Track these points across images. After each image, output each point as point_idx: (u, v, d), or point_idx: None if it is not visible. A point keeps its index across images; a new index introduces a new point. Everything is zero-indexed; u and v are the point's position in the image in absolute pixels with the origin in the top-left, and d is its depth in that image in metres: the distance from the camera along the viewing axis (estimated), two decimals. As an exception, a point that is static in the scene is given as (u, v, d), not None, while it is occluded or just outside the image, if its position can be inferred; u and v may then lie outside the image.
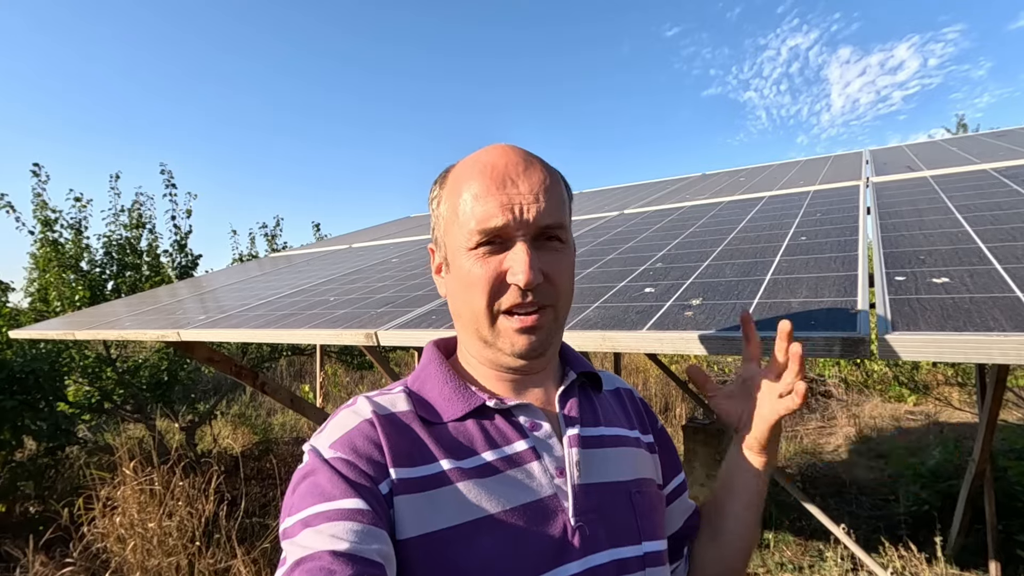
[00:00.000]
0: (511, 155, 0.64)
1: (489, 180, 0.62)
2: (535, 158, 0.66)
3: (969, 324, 0.82)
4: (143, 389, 5.01)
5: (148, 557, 2.88)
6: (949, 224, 1.42)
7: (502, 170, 0.62)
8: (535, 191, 0.62)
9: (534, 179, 0.63)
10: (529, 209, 0.61)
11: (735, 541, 0.78)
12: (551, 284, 0.63)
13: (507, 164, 0.63)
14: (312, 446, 0.61)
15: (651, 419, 0.82)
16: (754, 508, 0.77)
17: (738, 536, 0.77)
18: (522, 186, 0.62)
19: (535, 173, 0.63)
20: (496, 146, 0.66)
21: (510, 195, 0.61)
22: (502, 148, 0.65)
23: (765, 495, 0.78)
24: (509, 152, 0.65)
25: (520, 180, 0.62)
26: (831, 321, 0.94)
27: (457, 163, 0.69)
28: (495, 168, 0.63)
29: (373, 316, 1.67)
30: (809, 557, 3.24)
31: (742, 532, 0.77)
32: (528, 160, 0.64)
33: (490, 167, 0.63)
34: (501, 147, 0.66)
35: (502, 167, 0.63)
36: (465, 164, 0.66)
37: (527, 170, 0.63)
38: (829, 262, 1.29)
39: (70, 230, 5.43)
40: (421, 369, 0.72)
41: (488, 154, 0.65)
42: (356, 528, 0.51)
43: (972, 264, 1.09)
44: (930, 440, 4.74)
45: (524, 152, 0.66)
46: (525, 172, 0.63)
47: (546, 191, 0.63)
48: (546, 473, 0.63)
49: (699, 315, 1.11)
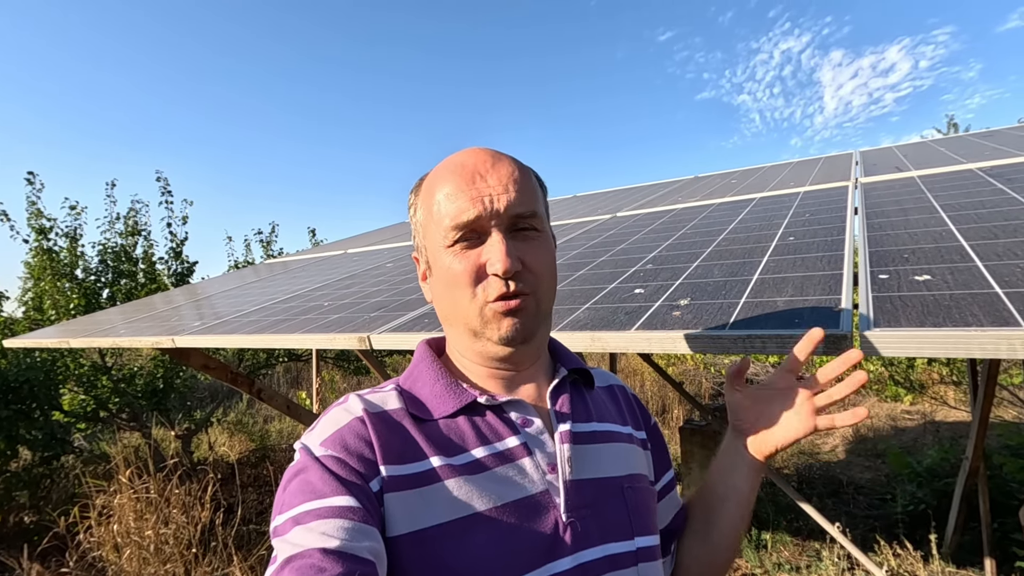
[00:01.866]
0: (480, 154, 0.66)
1: (459, 178, 0.64)
2: (504, 155, 0.68)
3: (948, 320, 0.83)
4: (139, 397, 5.00)
5: (144, 566, 2.87)
6: (934, 223, 1.44)
7: (471, 167, 0.64)
8: (504, 183, 0.64)
9: (503, 172, 0.64)
10: (499, 199, 0.63)
11: (726, 539, 0.78)
12: (530, 271, 0.64)
13: (476, 162, 0.65)
14: (303, 444, 0.61)
15: (644, 415, 0.83)
16: (747, 506, 0.77)
17: (729, 534, 0.78)
18: (491, 179, 0.64)
19: (503, 167, 0.65)
20: (466, 149, 0.68)
21: (479, 188, 0.63)
22: (471, 150, 0.67)
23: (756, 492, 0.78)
24: (478, 152, 0.67)
25: (489, 174, 0.64)
26: (815, 319, 0.96)
27: (430, 171, 0.71)
28: (464, 166, 0.65)
29: (366, 320, 1.68)
30: (806, 557, 3.25)
31: (733, 530, 0.78)
32: (496, 156, 0.66)
33: (459, 166, 0.65)
34: (471, 149, 0.68)
35: (471, 165, 0.65)
36: (437, 169, 0.68)
37: (495, 165, 0.65)
38: (816, 261, 1.30)
39: (65, 238, 5.42)
40: (413, 367, 0.72)
41: (458, 156, 0.67)
42: (347, 526, 0.52)
43: (953, 262, 1.10)
44: (927, 439, 4.76)
45: (493, 150, 0.68)
46: (494, 167, 0.65)
47: (515, 182, 0.65)
48: (538, 469, 0.63)
49: (687, 315, 1.12)
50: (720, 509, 0.78)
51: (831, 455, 4.94)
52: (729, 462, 0.78)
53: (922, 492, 3.58)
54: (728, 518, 0.77)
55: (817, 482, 4.32)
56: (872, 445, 5.02)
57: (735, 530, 0.78)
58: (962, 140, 3.31)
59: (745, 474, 0.76)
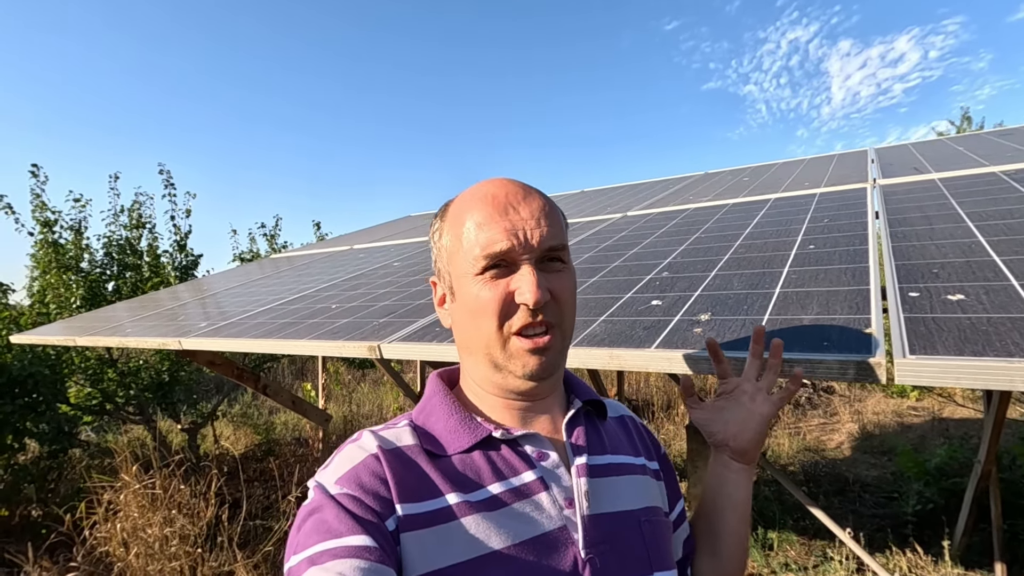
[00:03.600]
0: (510, 185, 0.67)
1: (491, 208, 0.64)
2: (532, 187, 0.70)
3: (989, 348, 0.80)
4: (144, 391, 5.00)
5: (150, 562, 2.88)
6: (961, 233, 1.40)
7: (503, 199, 0.65)
8: (536, 216, 0.65)
9: (534, 205, 0.66)
10: (532, 233, 0.63)
11: (731, 548, 0.80)
12: (556, 302, 0.65)
13: (507, 193, 0.66)
14: (318, 482, 0.60)
15: (655, 445, 0.83)
16: (745, 512, 0.80)
17: (734, 543, 0.80)
18: (523, 212, 0.64)
19: (534, 200, 0.66)
20: (494, 179, 0.69)
21: (513, 221, 0.64)
22: (501, 180, 0.69)
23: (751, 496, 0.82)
24: (508, 183, 0.68)
25: (521, 207, 0.65)
26: (844, 342, 0.92)
27: (456, 197, 0.72)
28: (496, 197, 0.65)
29: (376, 327, 1.65)
30: (814, 557, 3.23)
31: (738, 538, 0.80)
32: (526, 189, 0.68)
33: (491, 196, 0.66)
34: (499, 179, 0.69)
35: (503, 196, 0.65)
36: (465, 196, 0.69)
37: (527, 198, 0.66)
38: (840, 274, 1.27)
39: (70, 231, 5.41)
40: (425, 401, 0.72)
41: (487, 185, 0.68)
42: (363, 566, 0.51)
43: (987, 280, 1.06)
44: (934, 437, 4.73)
45: (521, 183, 0.69)
46: (525, 199, 0.66)
47: (546, 216, 0.66)
48: (555, 504, 0.62)
49: (708, 332, 1.09)
50: (720, 522, 0.80)
51: (836, 452, 4.92)
52: (718, 475, 0.81)
53: (930, 491, 3.55)
54: (729, 528, 0.79)
55: (823, 480, 4.30)
56: (878, 442, 5.00)
57: (739, 538, 0.80)
58: (980, 139, 3.25)
59: (735, 481, 0.79)
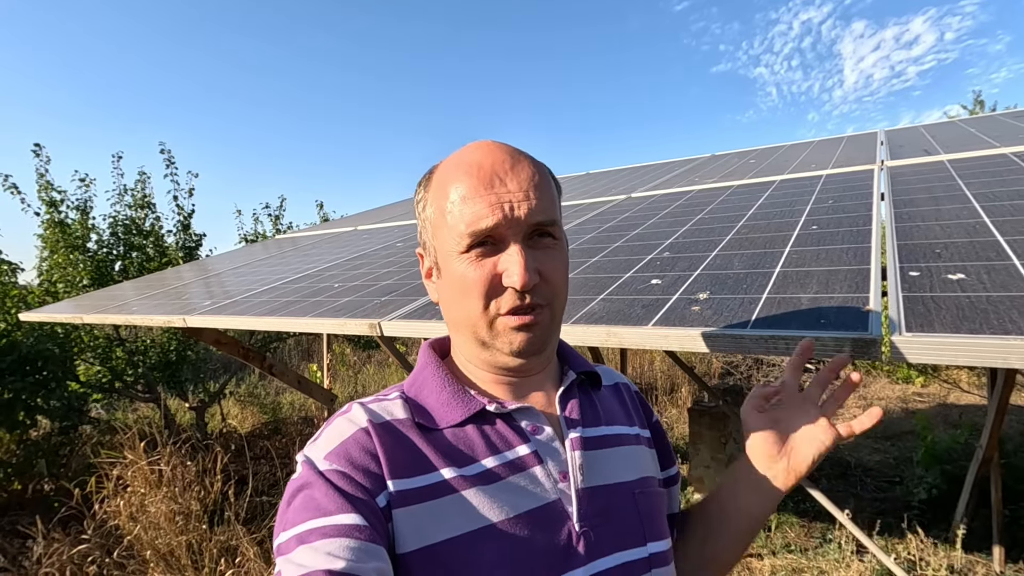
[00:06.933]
0: (497, 153, 0.62)
1: (476, 180, 0.60)
2: (522, 154, 0.63)
3: (986, 326, 0.79)
4: (152, 369, 5.06)
5: (159, 535, 2.94)
6: (967, 214, 1.38)
7: (489, 169, 0.60)
8: (524, 188, 0.60)
9: (523, 176, 0.60)
10: (520, 207, 0.59)
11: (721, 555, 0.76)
12: (546, 283, 0.62)
13: (494, 162, 0.60)
14: (306, 456, 0.59)
15: (647, 412, 0.81)
16: (752, 533, 0.75)
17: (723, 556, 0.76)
18: (511, 184, 0.60)
19: (523, 170, 0.61)
20: (481, 143, 0.64)
21: (499, 194, 0.59)
22: (487, 145, 0.63)
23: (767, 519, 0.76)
24: (495, 149, 0.62)
25: (508, 178, 0.60)
26: (841, 320, 0.92)
27: (440, 163, 0.66)
28: (481, 167, 0.60)
29: (377, 305, 1.66)
30: (813, 539, 3.26)
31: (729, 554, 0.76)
32: (515, 157, 0.62)
33: (476, 166, 0.60)
34: (486, 144, 0.63)
35: (489, 165, 0.60)
36: (449, 164, 0.64)
37: (515, 167, 0.61)
38: (841, 254, 1.25)
39: (76, 211, 5.44)
40: (417, 373, 0.70)
41: (473, 152, 0.62)
42: (353, 545, 0.50)
43: (990, 259, 1.05)
44: (939, 423, 4.72)
45: (510, 148, 0.63)
46: (513, 169, 0.60)
47: (536, 187, 0.61)
48: (550, 477, 0.62)
49: (706, 310, 1.08)
50: (720, 530, 0.75)
51: (839, 437, 4.93)
52: (747, 487, 0.73)
53: (931, 476, 3.56)
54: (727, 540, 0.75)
55: (825, 463, 4.31)
56: (882, 428, 5.00)
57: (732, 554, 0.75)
58: (994, 120, 3.19)
59: (760, 501, 0.72)
